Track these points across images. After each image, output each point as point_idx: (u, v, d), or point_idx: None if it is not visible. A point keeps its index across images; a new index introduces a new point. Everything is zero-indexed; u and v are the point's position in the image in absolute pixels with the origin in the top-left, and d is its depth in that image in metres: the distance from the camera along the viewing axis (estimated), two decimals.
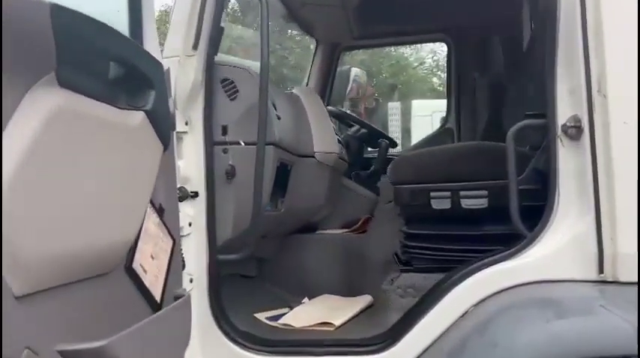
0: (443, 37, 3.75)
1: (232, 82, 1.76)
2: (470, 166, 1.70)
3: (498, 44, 3.06)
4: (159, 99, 1.20)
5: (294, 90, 2.34)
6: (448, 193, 1.70)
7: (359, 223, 2.50)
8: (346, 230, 2.51)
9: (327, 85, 3.79)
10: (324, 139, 2.23)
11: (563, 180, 1.52)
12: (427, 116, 6.66)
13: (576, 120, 1.48)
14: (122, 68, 1.09)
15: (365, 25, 3.64)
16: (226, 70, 1.77)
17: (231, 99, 1.77)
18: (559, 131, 1.52)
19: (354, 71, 4.26)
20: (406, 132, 7.15)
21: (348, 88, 4.20)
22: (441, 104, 7.75)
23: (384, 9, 3.64)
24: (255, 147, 1.71)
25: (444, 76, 10.26)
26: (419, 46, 9.93)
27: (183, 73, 1.67)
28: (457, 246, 1.74)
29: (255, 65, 1.89)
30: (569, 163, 1.51)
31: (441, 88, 9.63)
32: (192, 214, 1.69)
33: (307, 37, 4.07)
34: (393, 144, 3.21)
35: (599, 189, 1.43)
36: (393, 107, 7.18)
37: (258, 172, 1.68)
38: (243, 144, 1.76)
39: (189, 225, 1.69)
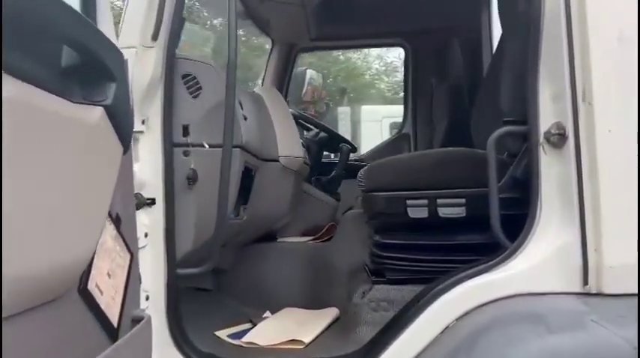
0: (400, 41, 3.72)
1: (195, 78, 1.61)
2: (449, 173, 1.63)
3: (457, 48, 3.05)
4: (120, 93, 1.03)
5: (256, 90, 2.20)
6: (425, 201, 1.62)
7: (323, 230, 2.39)
8: (309, 238, 2.39)
9: (283, 87, 3.67)
10: (288, 143, 2.11)
11: (545, 189, 1.47)
12: (376, 122, 6.67)
13: (559, 127, 1.44)
14: (78, 55, 0.92)
15: (323, 26, 3.54)
16: (189, 65, 1.61)
17: (193, 97, 1.61)
18: (541, 138, 1.48)
19: (310, 73, 4.16)
20: (355, 137, 7.13)
21: (304, 91, 4.11)
22: (391, 110, 7.83)
23: (342, 11, 3.56)
24: (219, 150, 1.56)
25: (391, 80, 10.39)
26: (366, 51, 9.98)
27: (140, 66, 1.50)
28: (433, 256, 1.66)
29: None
30: (551, 172, 1.47)
31: (389, 94, 9.72)
32: (148, 224, 1.52)
33: (254, 37, 3.93)
34: (354, 149, 3.12)
35: (584, 198, 1.39)
36: (343, 112, 7.14)
37: (224, 177, 1.53)
38: (206, 146, 1.60)
39: (145, 236, 1.51)
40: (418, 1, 3.46)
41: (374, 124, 6.69)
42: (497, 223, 1.50)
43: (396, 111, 7.45)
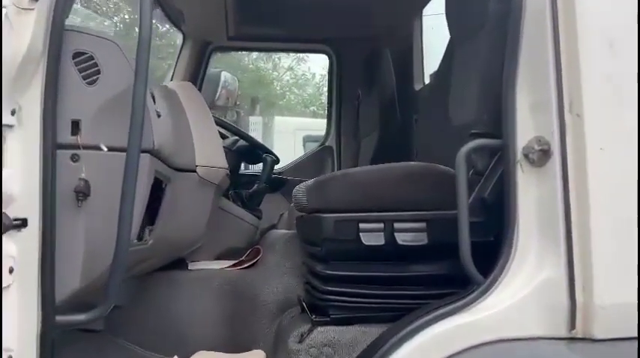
0: (324, 47, 3.48)
1: (92, 58, 1.20)
2: (409, 193, 1.36)
3: (389, 58, 2.86)
4: None
5: (169, 84, 1.81)
6: (381, 225, 1.34)
7: (246, 254, 2.04)
8: (227, 264, 2.02)
9: (197, 81, 3.27)
10: (208, 150, 1.74)
11: (523, 214, 1.26)
12: (289, 133, 6.40)
13: (542, 142, 1.23)
14: None
15: (243, 24, 3.21)
16: (84, 40, 1.20)
17: (88, 83, 1.20)
18: (519, 155, 1.27)
19: (225, 76, 3.79)
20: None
21: (217, 94, 3.73)
22: (304, 122, 7.62)
23: (265, 10, 3.25)
24: (122, 154, 1.17)
25: (302, 92, 10.21)
26: (277, 61, 9.74)
27: (13, 35, 1.08)
28: (388, 290, 1.38)
29: None
30: (530, 193, 1.26)
31: (299, 107, 9.53)
32: (16, 254, 1.09)
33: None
34: (278, 161, 2.81)
35: (571, 225, 1.19)
36: (255, 122, 6.79)
37: (127, 191, 1.15)
38: (104, 149, 1.20)
39: (10, 271, 1.08)
40: (344, 7, 3.26)
41: (287, 136, 6.42)
42: (468, 253, 1.26)
43: (310, 124, 7.26)
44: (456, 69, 1.84)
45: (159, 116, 1.31)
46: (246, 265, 1.97)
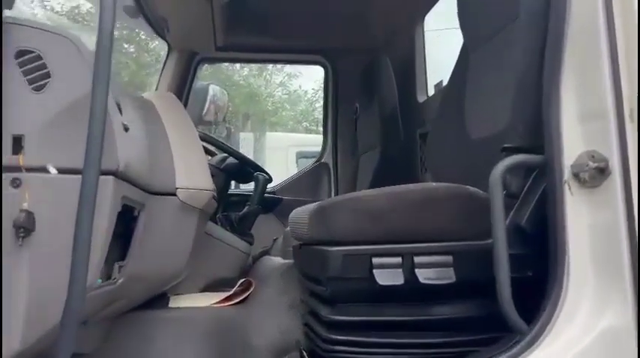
0: (319, 58, 3.27)
1: (40, 58, 0.97)
2: (431, 220, 1.13)
3: (389, 66, 2.64)
4: None
5: (145, 95, 1.58)
6: (399, 260, 1.10)
7: (233, 290, 1.78)
8: (214, 299, 1.77)
9: (180, 101, 3.04)
10: (192, 169, 1.50)
11: (574, 246, 1.03)
12: (282, 150, 6.17)
13: (596, 158, 1.01)
14: None
15: (232, 33, 2.99)
16: (29, 35, 0.97)
17: (34, 89, 0.96)
18: (566, 173, 1.04)
19: (213, 89, 3.57)
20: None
21: (205, 109, 3.50)
22: (297, 138, 7.39)
23: (256, 18, 3.04)
24: (77, 178, 0.92)
25: (294, 108, 10.00)
26: (268, 77, 9.56)
27: None
28: (407, 338, 1.14)
29: None
30: (581, 220, 1.03)
31: (292, 123, 9.32)
32: None
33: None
34: (270, 179, 2.56)
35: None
36: (246, 138, 6.55)
37: (83, 223, 0.90)
38: (53, 171, 0.96)
39: None
40: (340, 15, 3.06)
41: (279, 153, 6.18)
42: (508, 294, 1.03)
43: (303, 140, 7.04)
44: (473, 76, 1.62)
45: (126, 130, 1.07)
46: (235, 301, 1.72)
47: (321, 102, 3.61)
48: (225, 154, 2.45)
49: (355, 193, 1.16)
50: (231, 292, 1.77)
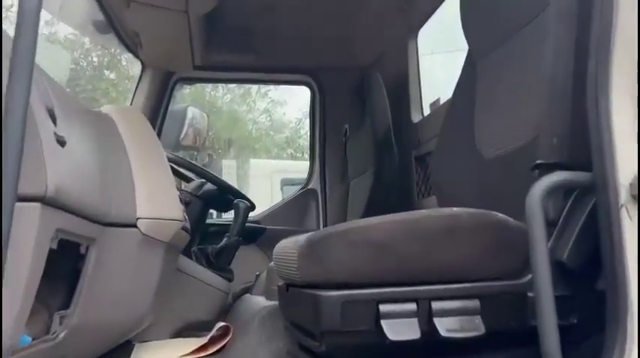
0: (305, 78, 3.07)
1: None
2: (452, 255, 0.90)
3: (381, 84, 2.45)
4: None
5: (104, 109, 1.34)
6: (413, 306, 0.86)
7: (209, 336, 1.52)
8: (187, 349, 1.50)
9: (156, 125, 2.81)
10: (157, 196, 1.26)
11: (634, 286, 0.81)
12: (266, 177, 5.94)
13: None
14: None
15: (211, 51, 2.80)
16: None
17: None
18: (623, 195, 0.83)
19: (192, 112, 3.35)
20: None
21: (183, 133, 3.27)
22: (282, 164, 7.16)
23: (237, 35, 2.86)
24: None
25: (278, 134, 9.81)
26: (252, 104, 9.39)
27: None
28: None
29: None
30: None
31: (276, 149, 9.12)
32: None
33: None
34: (253, 207, 2.33)
35: None
36: (229, 165, 6.31)
37: None
38: None
39: None
40: (327, 33, 2.89)
41: (263, 180, 5.95)
42: (556, 348, 0.80)
43: (288, 166, 6.81)
44: (483, 87, 1.42)
45: (62, 144, 0.83)
46: (210, 351, 1.45)
47: (306, 129, 3.42)
48: (203, 180, 2.21)
49: (355, 221, 0.93)
50: (206, 339, 1.50)
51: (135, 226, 1.22)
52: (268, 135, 9.30)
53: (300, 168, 6.37)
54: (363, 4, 2.68)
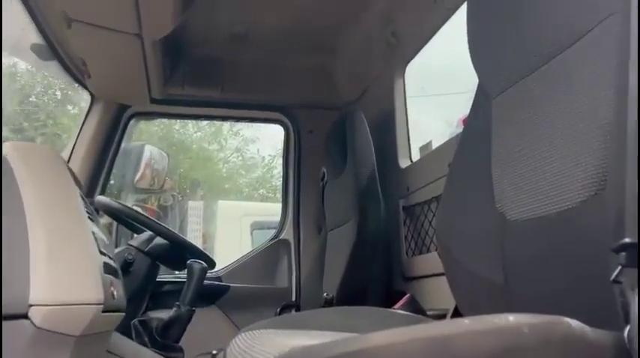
0: (278, 116, 2.77)
1: None
2: None
3: (364, 123, 2.16)
4: None
5: (4, 146, 0.98)
6: None
7: None
8: None
9: (104, 165, 2.44)
10: (64, 270, 0.89)
11: None
12: (235, 220, 5.54)
13: None
14: None
15: (169, 85, 2.48)
16: None
17: None
18: None
19: (150, 151, 2.99)
20: (208, 240, 5.85)
21: (138, 174, 2.91)
22: (252, 207, 6.78)
23: (201, 67, 2.56)
24: None
25: (250, 176, 9.45)
26: (223, 143, 9.05)
27: None
28: None
29: None
30: None
31: (247, 190, 8.75)
32: None
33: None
34: (211, 265, 1.95)
35: None
36: (195, 207, 5.90)
37: None
38: None
39: None
40: (304, 64, 2.62)
41: (232, 223, 5.55)
42: None
43: (258, 209, 6.43)
44: (502, 130, 1.11)
45: None
46: None
47: (280, 169, 3.09)
48: (151, 232, 1.84)
49: (359, 336, 0.58)
50: None
51: (25, 317, 0.84)
52: (239, 174, 8.94)
53: (271, 210, 6.00)
54: (344, 35, 2.42)
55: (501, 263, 1.00)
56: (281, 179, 2.85)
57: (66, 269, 0.89)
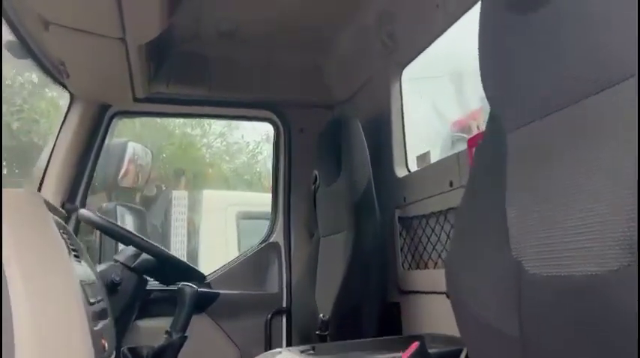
0: (268, 114, 2.67)
1: None
2: None
3: (358, 127, 2.08)
4: None
5: None
6: None
7: None
8: None
9: (87, 163, 2.34)
10: (50, 338, 0.81)
11: None
12: (221, 210, 5.44)
13: None
14: None
15: (154, 83, 2.36)
16: None
17: None
18: None
19: (133, 148, 2.89)
20: (193, 232, 5.73)
21: (122, 171, 2.81)
22: (238, 196, 6.64)
23: (186, 64, 2.44)
24: None
25: (235, 162, 9.31)
26: (207, 128, 8.87)
27: None
28: None
29: None
30: None
31: (231, 175, 8.61)
32: None
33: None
34: (201, 278, 1.88)
35: None
36: (179, 196, 5.78)
37: None
38: None
39: None
40: (294, 66, 2.52)
41: (217, 214, 5.45)
42: None
43: (244, 198, 6.31)
44: (521, 165, 1.02)
45: None
46: None
47: (264, 154, 2.99)
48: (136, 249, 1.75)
49: None
50: None
51: None
52: (223, 159, 8.79)
53: (258, 199, 5.88)
54: (338, 32, 2.32)
55: (517, 313, 0.94)
56: (265, 167, 2.77)
57: (52, 335, 0.81)
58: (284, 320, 2.47)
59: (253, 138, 8.24)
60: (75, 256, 0.99)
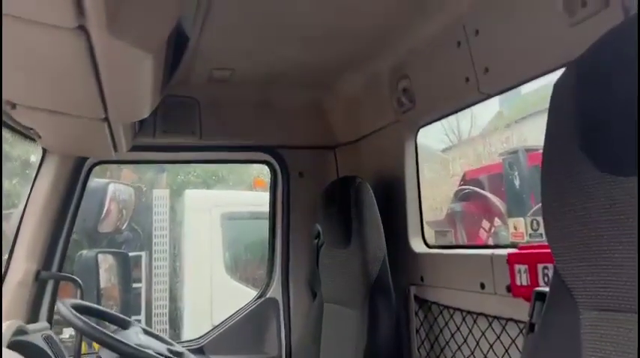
0: (265, 157, 2.43)
1: None
2: None
3: (368, 193, 1.88)
4: None
5: None
6: None
7: None
8: None
9: (66, 221, 2.10)
10: None
11: None
12: (205, 211, 5.20)
13: None
14: None
15: (139, 133, 2.11)
16: None
17: None
18: None
19: (114, 187, 2.64)
20: (177, 237, 5.48)
21: (104, 209, 2.58)
22: (223, 196, 6.31)
23: (174, 112, 2.18)
24: None
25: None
26: None
27: None
28: None
29: None
30: None
31: (218, 176, 8.26)
32: None
33: None
34: None
35: None
36: (160, 196, 5.50)
37: None
38: None
39: None
40: (292, 105, 2.29)
41: (201, 215, 5.21)
42: None
43: (229, 198, 6.00)
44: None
45: None
46: None
47: None
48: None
49: None
50: None
51: None
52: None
53: (244, 199, 5.63)
54: (345, 74, 2.09)
55: None
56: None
57: None
58: None
59: None
60: None
